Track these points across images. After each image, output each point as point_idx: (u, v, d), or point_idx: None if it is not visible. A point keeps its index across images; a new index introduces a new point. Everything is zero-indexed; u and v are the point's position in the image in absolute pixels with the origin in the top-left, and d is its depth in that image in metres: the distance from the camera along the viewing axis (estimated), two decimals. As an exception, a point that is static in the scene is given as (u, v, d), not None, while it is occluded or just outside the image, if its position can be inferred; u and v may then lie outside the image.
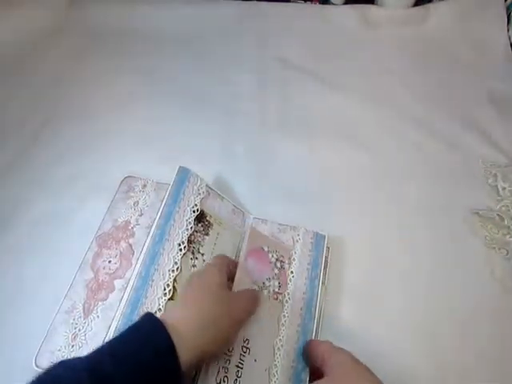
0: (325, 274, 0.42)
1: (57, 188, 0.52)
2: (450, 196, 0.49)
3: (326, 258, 0.43)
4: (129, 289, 0.35)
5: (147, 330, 0.28)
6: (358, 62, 0.64)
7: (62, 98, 0.62)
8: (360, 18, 0.68)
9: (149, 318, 0.29)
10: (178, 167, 0.42)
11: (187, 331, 0.29)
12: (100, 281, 0.42)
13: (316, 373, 0.34)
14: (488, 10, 0.65)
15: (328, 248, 0.44)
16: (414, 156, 0.53)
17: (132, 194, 0.49)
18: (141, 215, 0.47)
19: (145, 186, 0.49)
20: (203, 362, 0.32)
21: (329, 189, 0.50)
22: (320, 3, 0.72)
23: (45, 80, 0.64)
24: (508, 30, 0.64)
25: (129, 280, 0.37)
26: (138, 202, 0.48)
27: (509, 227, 0.46)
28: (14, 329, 0.41)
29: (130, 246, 0.44)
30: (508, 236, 0.46)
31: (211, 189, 0.43)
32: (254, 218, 0.46)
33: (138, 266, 0.36)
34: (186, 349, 0.27)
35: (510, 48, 0.63)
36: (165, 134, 0.56)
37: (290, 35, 0.68)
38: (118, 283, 0.41)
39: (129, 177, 0.50)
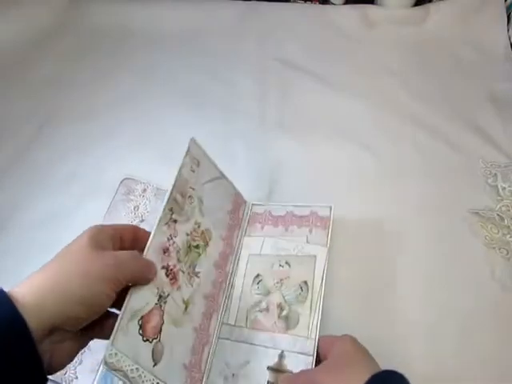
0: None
1: (56, 188, 0.52)
2: (450, 196, 0.49)
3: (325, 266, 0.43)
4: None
5: None
6: (357, 61, 0.64)
7: (62, 97, 0.62)
8: (360, 17, 0.68)
9: None
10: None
11: (34, 300, 0.25)
12: None
13: None
14: (488, 9, 0.65)
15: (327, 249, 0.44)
16: (414, 156, 0.53)
17: (132, 198, 0.49)
18: (142, 221, 0.47)
19: (145, 190, 0.49)
20: (69, 327, 0.28)
21: (328, 189, 0.50)
22: (320, 3, 0.72)
23: (44, 80, 0.64)
24: (508, 30, 0.64)
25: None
26: (138, 206, 0.48)
27: (509, 227, 0.46)
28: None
29: None
30: (508, 236, 0.46)
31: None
32: (253, 204, 0.47)
33: None
34: (31, 318, 0.24)
35: (510, 48, 0.63)
36: (164, 133, 0.56)
37: (290, 35, 0.68)
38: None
39: (127, 179, 0.50)
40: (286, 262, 0.41)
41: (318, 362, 0.35)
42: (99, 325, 0.30)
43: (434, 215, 0.48)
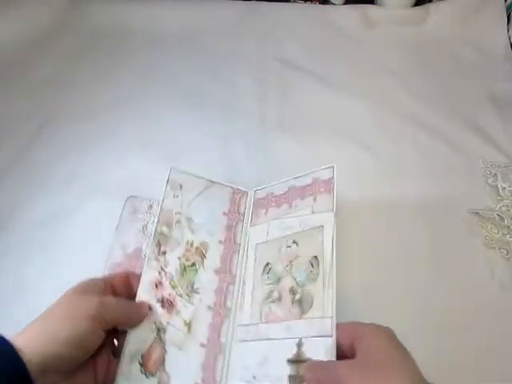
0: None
1: (56, 188, 0.52)
2: (450, 196, 0.49)
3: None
4: None
5: None
6: (357, 61, 0.64)
7: (62, 97, 0.62)
8: (360, 18, 0.68)
9: None
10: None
11: (28, 343, 0.28)
12: None
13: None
14: (488, 9, 0.65)
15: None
16: (413, 156, 0.53)
17: (139, 216, 0.48)
18: None
19: (151, 206, 0.48)
20: (63, 367, 0.29)
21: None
22: (320, 3, 0.72)
23: (44, 80, 0.64)
24: (508, 30, 0.64)
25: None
26: (146, 225, 0.47)
27: (509, 227, 0.46)
28: (15, 329, 0.41)
29: None
30: (508, 236, 0.46)
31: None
32: (255, 190, 0.45)
33: None
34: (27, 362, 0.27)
35: (510, 48, 0.63)
36: (164, 133, 0.56)
37: (290, 35, 0.68)
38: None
39: (132, 197, 0.49)
40: (294, 241, 0.39)
41: (340, 356, 0.30)
42: (102, 371, 0.32)
43: (434, 215, 0.48)
